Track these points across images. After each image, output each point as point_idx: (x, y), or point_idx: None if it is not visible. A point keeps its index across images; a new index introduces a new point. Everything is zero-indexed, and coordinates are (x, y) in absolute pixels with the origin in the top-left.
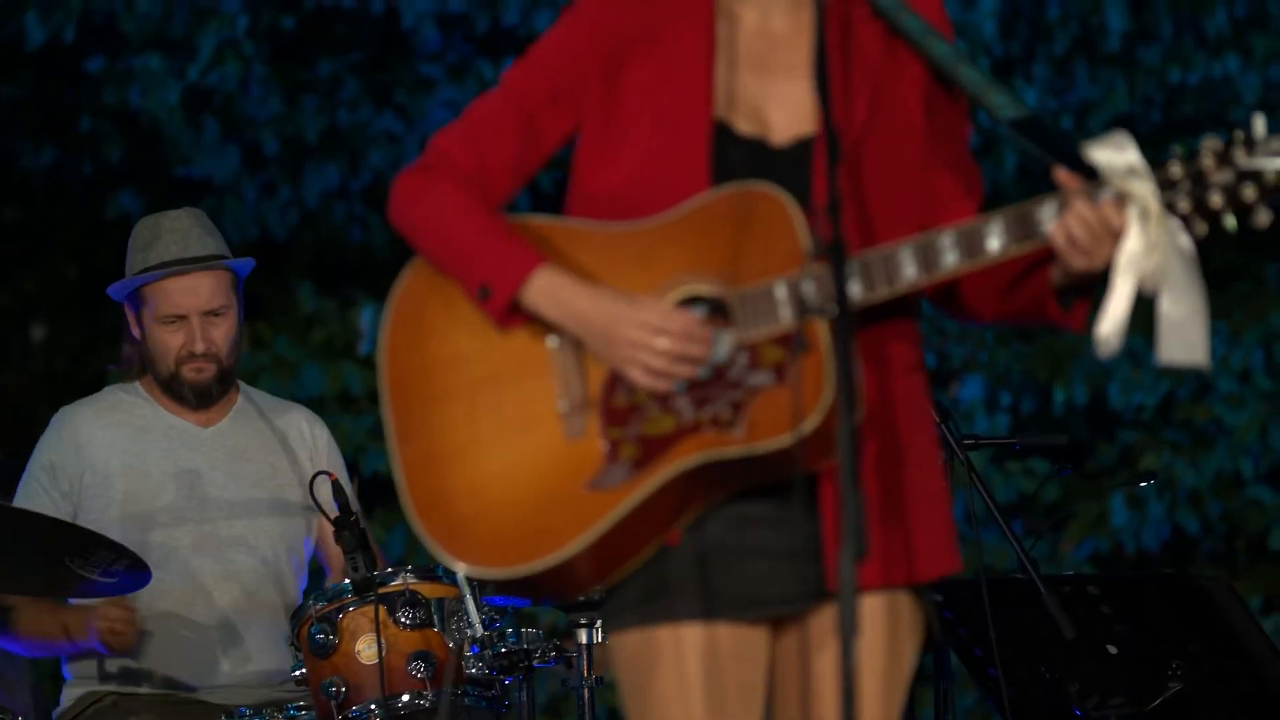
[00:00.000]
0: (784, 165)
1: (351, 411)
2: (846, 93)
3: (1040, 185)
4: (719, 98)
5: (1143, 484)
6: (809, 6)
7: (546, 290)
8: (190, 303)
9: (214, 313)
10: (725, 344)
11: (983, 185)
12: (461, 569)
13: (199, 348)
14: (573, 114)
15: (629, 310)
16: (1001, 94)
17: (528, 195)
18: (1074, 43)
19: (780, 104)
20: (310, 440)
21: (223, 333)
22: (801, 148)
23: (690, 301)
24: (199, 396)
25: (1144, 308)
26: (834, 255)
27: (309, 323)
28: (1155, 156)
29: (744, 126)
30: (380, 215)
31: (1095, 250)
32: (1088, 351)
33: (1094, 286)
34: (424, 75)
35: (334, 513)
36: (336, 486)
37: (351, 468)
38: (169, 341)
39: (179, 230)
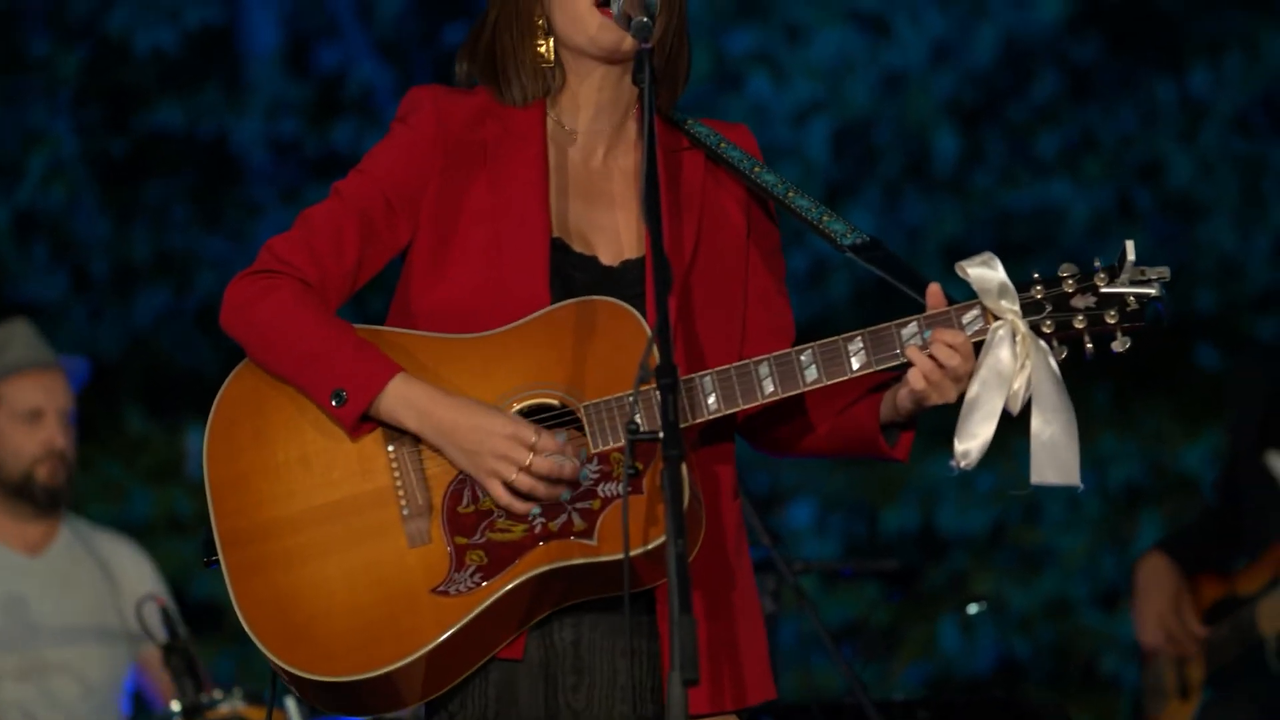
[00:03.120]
0: (618, 284)
1: (180, 535)
2: (675, 220)
3: (875, 312)
4: (553, 220)
5: (973, 608)
6: (626, 140)
7: (404, 398)
8: (51, 401)
9: (66, 416)
10: (589, 466)
11: (794, 324)
12: (298, 675)
13: (60, 444)
14: (409, 225)
15: (500, 423)
16: (837, 221)
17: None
18: (904, 166)
19: (606, 232)
20: (134, 567)
21: (72, 438)
22: (633, 268)
23: (534, 411)
24: (50, 499)
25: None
26: (664, 380)
27: (138, 446)
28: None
29: (578, 248)
30: (211, 338)
31: (950, 383)
32: (920, 473)
33: (918, 418)
34: (254, 199)
35: (162, 638)
36: (164, 612)
37: (179, 592)
38: (24, 442)
39: (27, 335)
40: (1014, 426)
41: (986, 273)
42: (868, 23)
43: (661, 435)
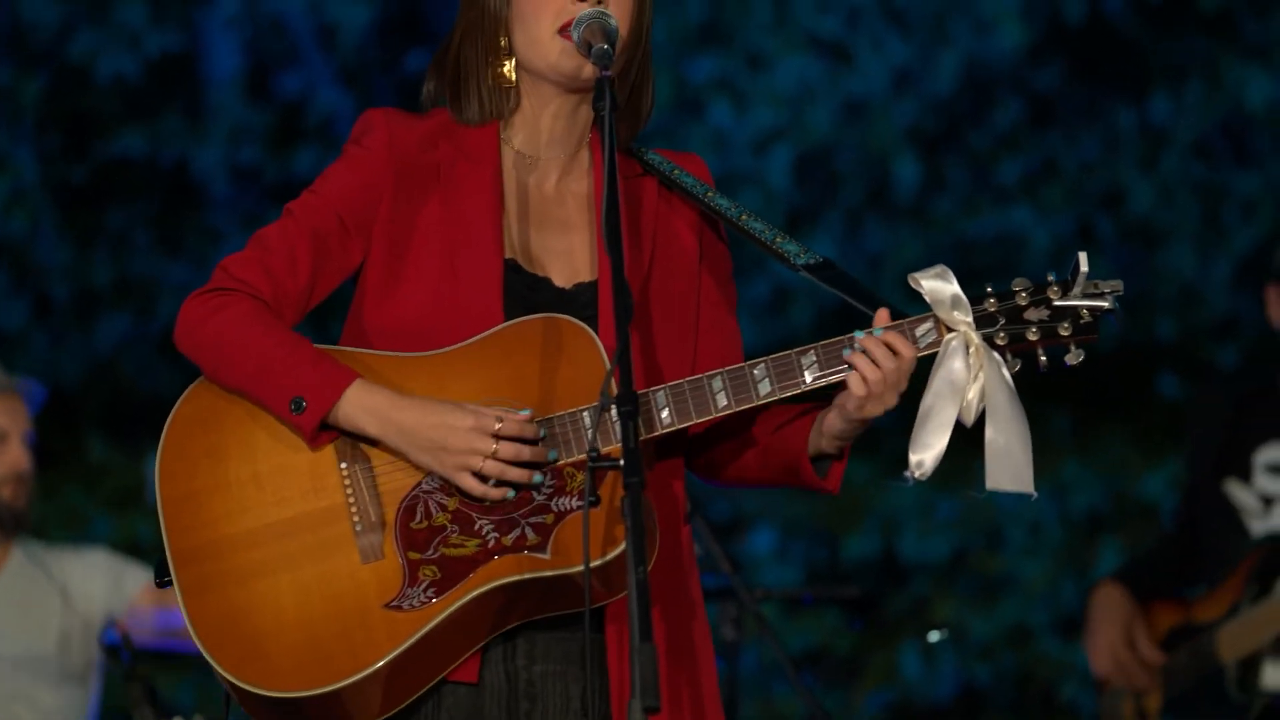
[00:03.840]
0: (571, 306)
1: (141, 562)
2: (629, 247)
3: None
4: (509, 242)
5: (934, 635)
6: (580, 166)
7: (363, 403)
8: (15, 424)
9: (27, 438)
10: (555, 449)
11: (743, 351)
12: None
13: (26, 466)
14: (362, 244)
15: (460, 417)
16: (790, 243)
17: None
18: (866, 193)
19: (558, 255)
20: (93, 586)
21: (31, 461)
22: (585, 290)
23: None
24: (15, 520)
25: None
26: (624, 407)
27: (99, 473)
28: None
29: (530, 269)
30: (172, 365)
31: (890, 389)
32: (881, 499)
33: (847, 451)
34: (216, 225)
35: (122, 665)
36: (125, 639)
37: None
38: None
39: None
40: (977, 449)
41: (939, 285)
42: (829, 50)
43: (622, 462)
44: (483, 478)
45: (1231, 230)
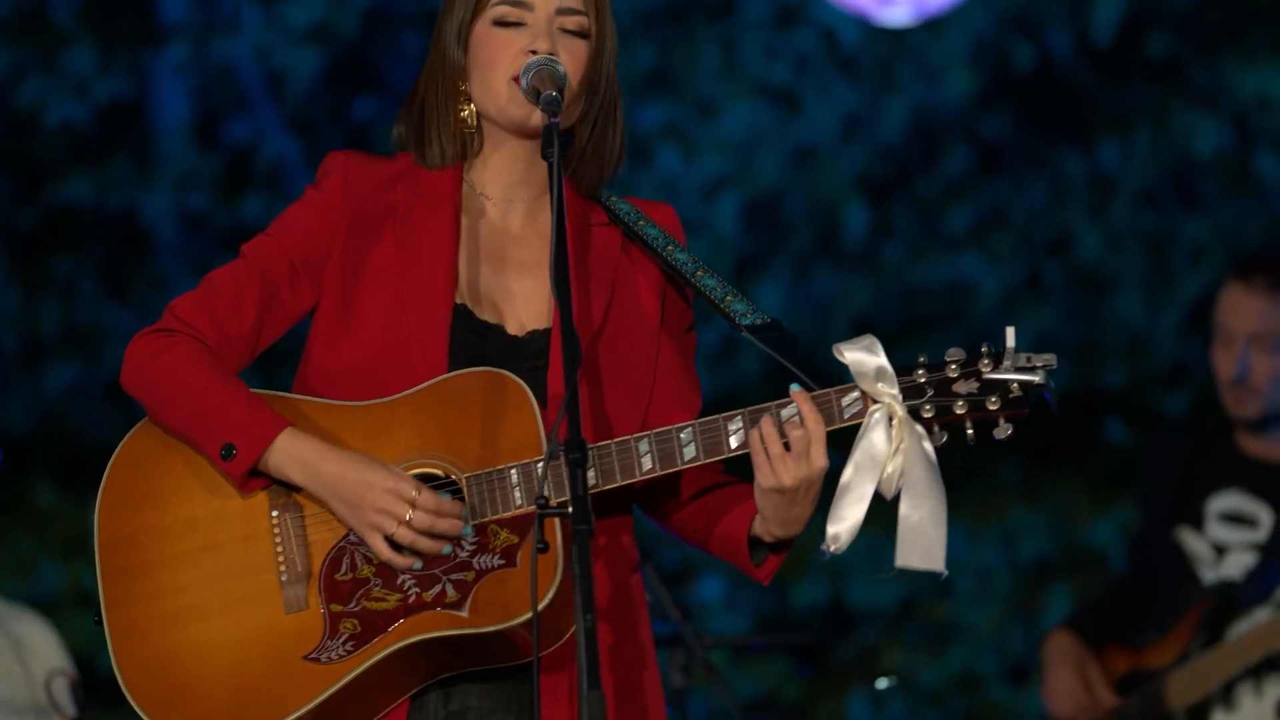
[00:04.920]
0: (522, 354)
1: (89, 609)
2: (585, 293)
3: (784, 389)
4: (461, 286)
5: (883, 683)
6: (543, 212)
7: (292, 452)
8: None
9: None
10: (471, 524)
11: (700, 396)
12: None
13: None
14: (313, 288)
15: (382, 477)
16: (740, 301)
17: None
18: (814, 240)
19: (516, 299)
20: (42, 643)
21: None
22: (539, 338)
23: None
24: None
25: (888, 510)
26: (573, 454)
27: (47, 520)
28: (896, 356)
29: (483, 315)
30: (121, 412)
31: (796, 464)
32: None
33: (789, 543)
34: (164, 272)
35: (72, 712)
36: (73, 687)
37: (88, 667)
38: None
39: None
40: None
41: (864, 357)
42: (778, 97)
43: (570, 510)
44: (396, 543)
45: (1180, 277)
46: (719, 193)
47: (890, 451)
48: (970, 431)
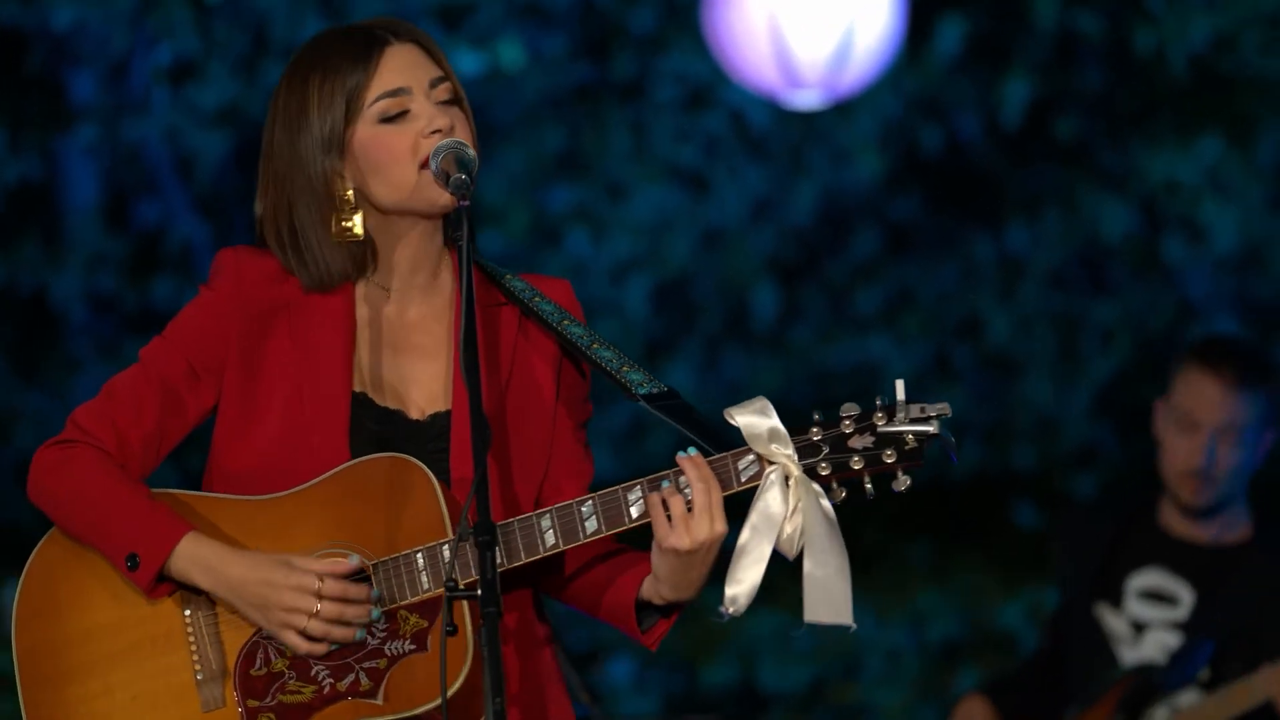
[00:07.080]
0: (423, 437)
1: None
2: (487, 375)
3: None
4: (359, 374)
5: None
6: (441, 294)
7: (194, 557)
8: None
9: None
10: (379, 608)
11: (593, 465)
12: None
13: None
14: (213, 388)
15: (284, 575)
16: (636, 372)
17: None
18: (724, 322)
19: (415, 383)
20: None
21: None
22: (440, 419)
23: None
24: None
25: (796, 586)
26: (482, 537)
27: None
28: (797, 425)
29: (384, 401)
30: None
31: (696, 526)
32: (739, 629)
33: (680, 607)
34: (73, 354)
35: None
36: None
37: None
38: None
39: None
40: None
41: (755, 420)
42: (688, 179)
43: (480, 592)
44: (310, 634)
45: (1089, 360)
46: (629, 274)
47: (788, 512)
48: (869, 486)
